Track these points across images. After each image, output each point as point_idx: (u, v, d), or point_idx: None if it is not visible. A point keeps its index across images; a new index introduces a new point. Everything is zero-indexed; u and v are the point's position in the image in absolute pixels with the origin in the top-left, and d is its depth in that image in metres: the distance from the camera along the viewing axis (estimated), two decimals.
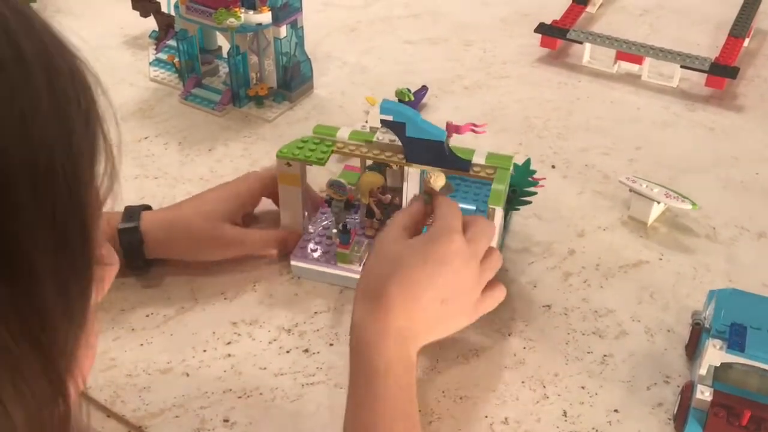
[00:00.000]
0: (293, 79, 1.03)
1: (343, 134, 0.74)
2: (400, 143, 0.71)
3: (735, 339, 0.61)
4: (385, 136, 0.72)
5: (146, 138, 0.98)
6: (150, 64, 1.11)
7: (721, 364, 0.63)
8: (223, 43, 1.09)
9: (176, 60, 1.06)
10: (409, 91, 1.02)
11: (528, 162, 0.76)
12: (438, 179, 0.68)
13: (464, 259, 0.63)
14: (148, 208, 0.78)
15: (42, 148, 0.31)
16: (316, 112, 1.04)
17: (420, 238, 0.64)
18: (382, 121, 0.69)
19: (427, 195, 0.68)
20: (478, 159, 0.71)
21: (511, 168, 0.71)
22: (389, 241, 0.64)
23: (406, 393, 0.60)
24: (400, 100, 1.01)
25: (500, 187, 0.68)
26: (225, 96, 1.02)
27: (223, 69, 1.08)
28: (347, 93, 1.08)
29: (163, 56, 1.11)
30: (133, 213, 0.75)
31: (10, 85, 0.30)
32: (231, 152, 0.96)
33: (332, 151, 0.74)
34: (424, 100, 1.06)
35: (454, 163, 0.70)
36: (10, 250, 0.30)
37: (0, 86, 0.30)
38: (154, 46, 1.14)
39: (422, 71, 1.12)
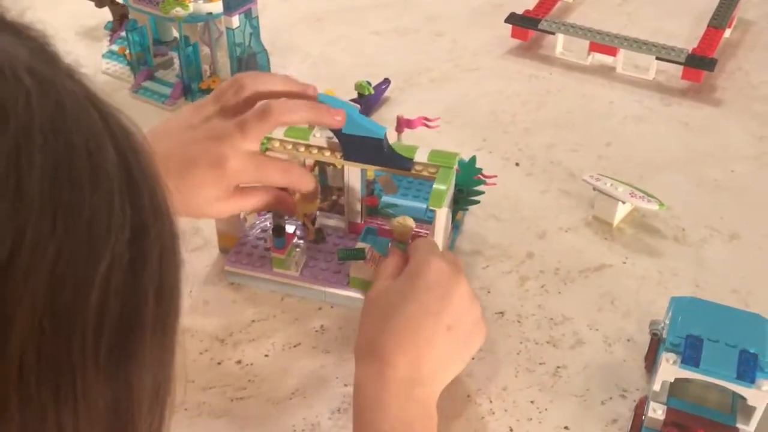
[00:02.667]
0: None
1: (278, 132, 0.69)
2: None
3: (689, 353, 0.57)
4: (323, 134, 0.68)
5: None
6: (103, 56, 1.07)
7: (679, 378, 0.58)
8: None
9: (127, 52, 1.01)
10: (369, 84, 0.97)
11: (473, 160, 0.71)
12: (406, 221, 0.66)
13: (449, 277, 0.60)
14: None
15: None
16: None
17: (401, 277, 0.61)
18: None
19: (401, 243, 0.66)
20: (420, 157, 0.66)
21: (456, 166, 0.66)
22: (375, 292, 0.61)
23: None
24: (360, 94, 0.97)
25: (441, 188, 0.63)
26: (176, 89, 0.97)
27: (178, 61, 1.03)
28: None
29: (115, 48, 1.06)
30: None
31: None
32: None
33: (266, 150, 0.69)
34: (386, 94, 1.01)
35: (395, 161, 0.66)
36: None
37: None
38: (109, 38, 1.10)
39: (388, 63, 1.07)
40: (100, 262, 0.27)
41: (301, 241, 0.72)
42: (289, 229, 0.71)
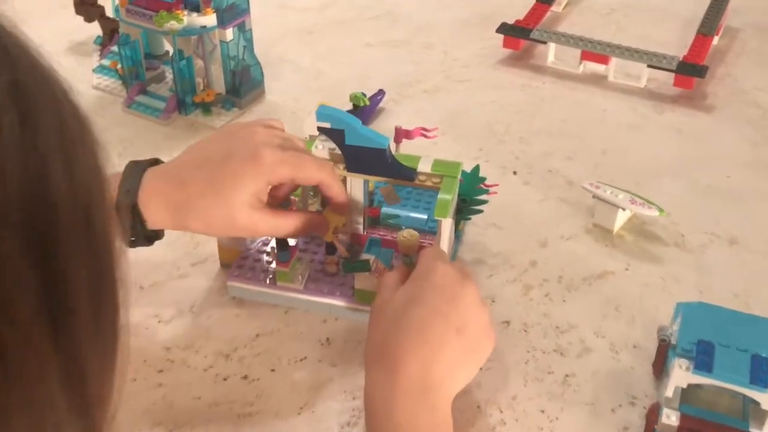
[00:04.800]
0: (242, 85, 0.98)
1: None
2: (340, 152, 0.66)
3: (702, 358, 0.57)
4: (325, 145, 0.67)
5: None
6: (93, 71, 1.06)
7: (691, 383, 0.58)
8: (171, 47, 1.04)
9: (119, 66, 1.00)
10: (365, 95, 0.97)
11: (477, 169, 0.71)
12: (412, 236, 0.66)
13: (456, 280, 0.60)
14: (156, 162, 0.67)
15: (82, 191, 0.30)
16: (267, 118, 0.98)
17: (407, 283, 0.60)
18: (320, 129, 0.64)
19: (407, 257, 0.66)
20: (424, 167, 0.66)
21: (459, 175, 0.66)
22: (381, 301, 0.61)
23: None
24: (355, 105, 0.97)
25: (446, 198, 0.63)
26: (170, 103, 0.97)
27: (170, 75, 1.03)
28: (300, 99, 1.03)
29: (106, 63, 1.05)
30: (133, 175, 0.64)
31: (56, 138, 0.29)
32: None
33: None
34: (381, 105, 1.01)
35: (398, 171, 0.65)
36: (57, 288, 0.28)
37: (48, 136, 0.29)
38: (99, 53, 1.09)
39: (381, 75, 1.07)
40: None
41: (304, 254, 0.71)
42: (292, 242, 0.70)
